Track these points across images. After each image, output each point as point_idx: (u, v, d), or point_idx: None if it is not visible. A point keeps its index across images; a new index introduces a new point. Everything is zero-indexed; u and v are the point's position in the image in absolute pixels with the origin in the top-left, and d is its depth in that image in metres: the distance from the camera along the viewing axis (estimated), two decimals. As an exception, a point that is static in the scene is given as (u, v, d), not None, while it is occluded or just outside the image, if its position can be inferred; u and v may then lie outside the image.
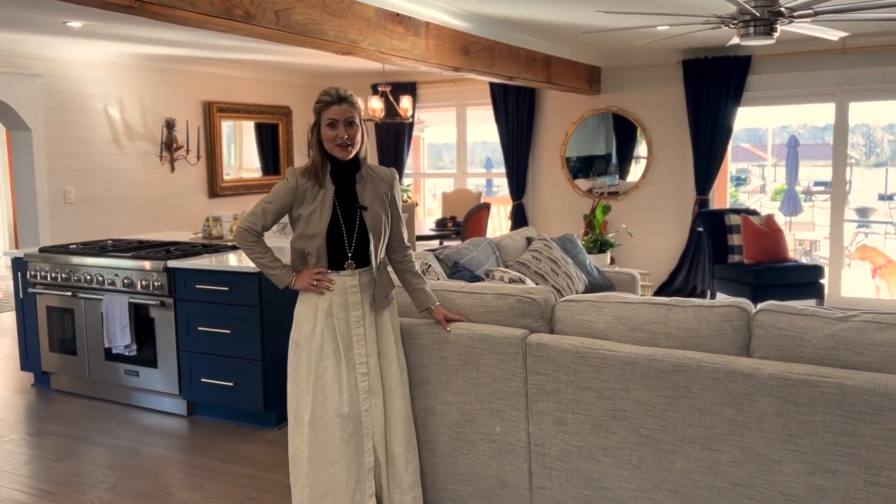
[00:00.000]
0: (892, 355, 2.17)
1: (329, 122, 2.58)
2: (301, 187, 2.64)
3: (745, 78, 6.85)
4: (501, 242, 4.88)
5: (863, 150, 17.01)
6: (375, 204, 2.69)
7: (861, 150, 16.72)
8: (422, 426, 2.92)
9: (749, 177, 16.24)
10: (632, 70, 7.48)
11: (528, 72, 6.21)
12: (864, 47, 6.41)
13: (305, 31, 3.76)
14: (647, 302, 2.61)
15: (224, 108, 7.79)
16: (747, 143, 16.36)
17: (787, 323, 2.34)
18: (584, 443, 2.59)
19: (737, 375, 2.30)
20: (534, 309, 2.76)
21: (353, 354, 2.69)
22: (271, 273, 2.71)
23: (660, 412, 2.43)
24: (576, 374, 2.58)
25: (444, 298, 2.93)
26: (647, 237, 7.51)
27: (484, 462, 2.82)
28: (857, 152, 16.57)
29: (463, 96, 8.59)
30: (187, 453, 3.82)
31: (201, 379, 4.13)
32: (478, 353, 2.76)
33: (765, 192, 15.30)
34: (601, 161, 7.84)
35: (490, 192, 12.83)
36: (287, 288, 2.72)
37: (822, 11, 3.67)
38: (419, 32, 4.74)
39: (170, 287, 4.16)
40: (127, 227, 6.75)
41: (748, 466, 2.31)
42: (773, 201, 14.11)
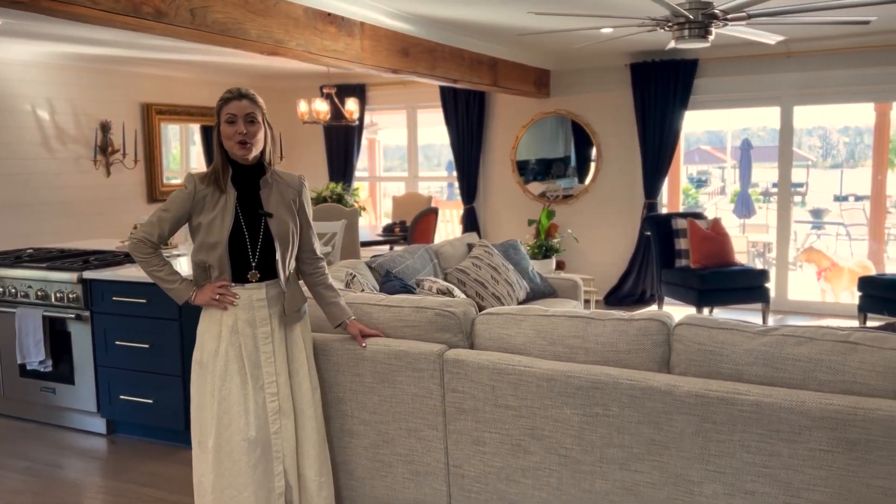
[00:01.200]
0: (810, 370, 2.08)
1: (228, 119, 2.44)
2: (200, 193, 2.48)
3: (691, 81, 6.83)
4: (441, 249, 4.76)
5: (820, 152, 17.30)
6: (282, 211, 2.54)
7: (818, 153, 16.99)
8: (338, 448, 2.78)
9: (709, 179, 16.41)
10: (580, 73, 7.42)
11: (473, 74, 6.09)
12: (807, 51, 6.43)
13: (225, 31, 3.58)
14: (567, 315, 2.50)
15: (164, 111, 7.54)
16: (708, 146, 16.53)
17: (706, 337, 2.25)
18: (503, 463, 2.47)
19: (654, 393, 2.19)
20: (452, 323, 2.64)
21: (260, 374, 2.53)
22: (169, 287, 2.54)
23: (578, 431, 2.32)
24: (493, 392, 2.46)
25: (362, 312, 2.79)
26: (597, 241, 7.46)
27: (402, 484, 2.68)
28: (815, 154, 16.85)
29: (414, 98, 8.45)
30: (104, 476, 3.62)
31: (120, 396, 3.93)
32: (394, 370, 2.63)
33: (724, 194, 15.46)
34: (560, 164, 7.76)
35: (452, 195, 12.71)
36: (187, 304, 2.55)
37: (754, 14, 3.62)
38: (353, 33, 4.59)
39: (86, 299, 3.94)
40: (59, 234, 6.47)
41: (667, 488, 2.21)
42: (732, 203, 14.25)
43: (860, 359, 2.03)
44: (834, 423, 1.96)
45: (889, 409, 1.91)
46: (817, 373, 2.07)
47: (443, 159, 13.09)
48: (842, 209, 12.80)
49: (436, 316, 2.66)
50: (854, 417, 1.93)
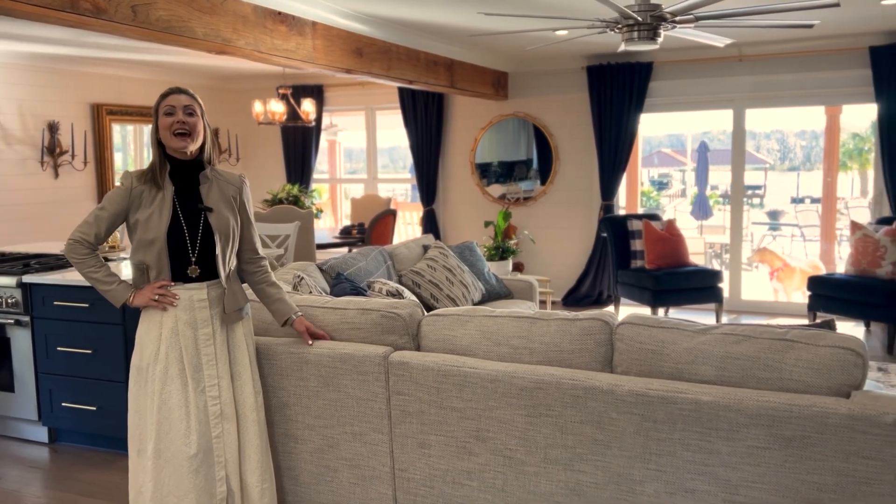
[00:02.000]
0: (748, 368, 2.10)
1: (166, 111, 2.42)
2: (137, 190, 2.43)
3: (647, 84, 6.91)
4: (395, 251, 4.72)
5: (777, 155, 17.67)
6: (222, 206, 2.50)
7: (776, 156, 17.36)
8: (282, 453, 2.72)
9: (670, 181, 16.66)
10: (538, 76, 7.45)
11: (429, 76, 6.07)
12: (759, 55, 6.54)
13: (169, 29, 3.50)
14: (512, 316, 2.48)
15: (115, 111, 7.37)
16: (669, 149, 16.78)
17: (647, 336, 2.25)
18: (449, 466, 2.45)
19: (596, 392, 2.19)
20: (398, 325, 2.60)
21: (202, 376, 2.47)
22: (106, 289, 2.47)
23: (522, 432, 2.31)
24: (438, 394, 2.43)
25: (307, 315, 2.74)
26: (555, 243, 7.49)
27: (348, 490, 2.64)
28: (773, 157, 17.22)
29: (372, 100, 8.40)
30: (45, 486, 3.50)
31: (62, 403, 3.81)
32: (339, 373, 2.59)
33: (685, 196, 15.70)
34: (521, 166, 7.78)
35: (415, 197, 12.67)
36: (126, 307, 2.48)
37: (702, 17, 3.66)
38: (305, 32, 4.54)
39: (26, 304, 3.82)
40: (5, 237, 6.28)
41: (610, 487, 2.21)
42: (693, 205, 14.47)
43: (796, 356, 2.05)
44: (770, 421, 1.97)
45: (823, 406, 1.93)
46: (755, 370, 2.09)
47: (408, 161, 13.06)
48: (796, 211, 13.07)
49: (381, 318, 2.62)
50: (790, 415, 1.95)
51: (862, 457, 1.88)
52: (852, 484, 1.90)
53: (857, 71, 6.24)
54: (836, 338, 2.05)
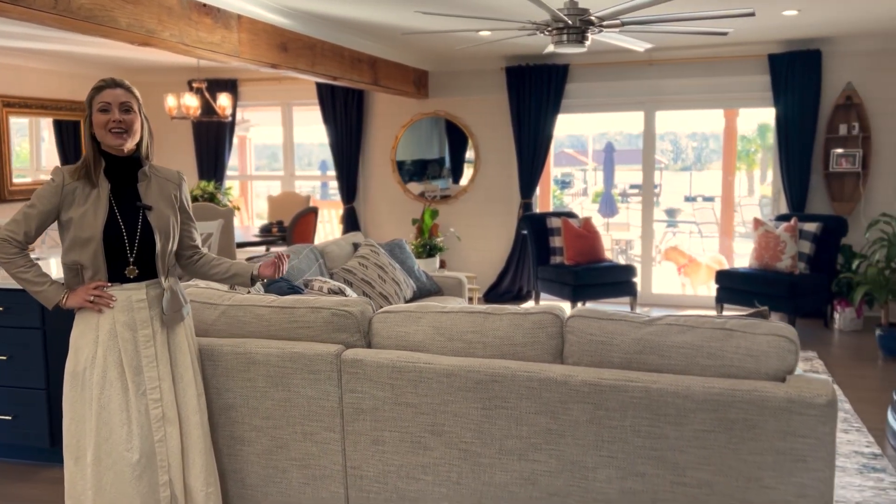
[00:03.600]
0: (692, 356, 2.22)
1: (101, 107, 2.32)
2: (69, 187, 2.33)
3: (563, 86, 7.11)
4: (326, 249, 4.68)
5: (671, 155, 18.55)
6: (161, 204, 2.44)
7: (669, 156, 18.22)
8: (227, 456, 2.67)
9: (572, 180, 17.19)
10: (458, 75, 7.53)
11: (353, 72, 6.04)
12: (667, 60, 6.86)
13: (91, 18, 3.34)
14: (464, 311, 2.53)
15: (14, 103, 6.93)
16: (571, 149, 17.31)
17: (597, 328, 2.35)
18: (403, 461, 2.47)
19: (550, 383, 2.27)
20: (350, 322, 2.60)
21: (142, 379, 2.39)
22: (37, 290, 2.35)
23: (478, 424, 2.36)
24: (393, 390, 2.44)
25: (253, 314, 2.69)
26: (477, 240, 7.60)
27: (298, 490, 2.61)
28: (666, 157, 18.05)
29: (289, 95, 8.26)
30: (-45, 502, 3.28)
31: (-27, 414, 3.57)
32: (289, 372, 2.56)
33: (586, 195, 16.21)
34: (434, 165, 7.84)
35: (326, 195, 12.54)
36: (58, 308, 2.36)
37: (628, 22, 3.81)
38: (230, 25, 4.43)
39: (-70, 309, 3.55)
40: None
41: (564, 475, 2.29)
42: (594, 203, 14.98)
43: (736, 344, 2.19)
44: (716, 405, 2.11)
45: (763, 390, 2.07)
46: (699, 358, 2.22)
47: (314, 158, 12.91)
48: (694, 208, 13.75)
49: (332, 316, 2.61)
50: (733, 399, 2.09)
51: (798, 436, 2.04)
52: (789, 461, 2.05)
53: (757, 77, 6.66)
54: (771, 326, 2.20)
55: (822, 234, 5.93)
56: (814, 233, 5.94)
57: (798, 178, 6.52)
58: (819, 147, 6.54)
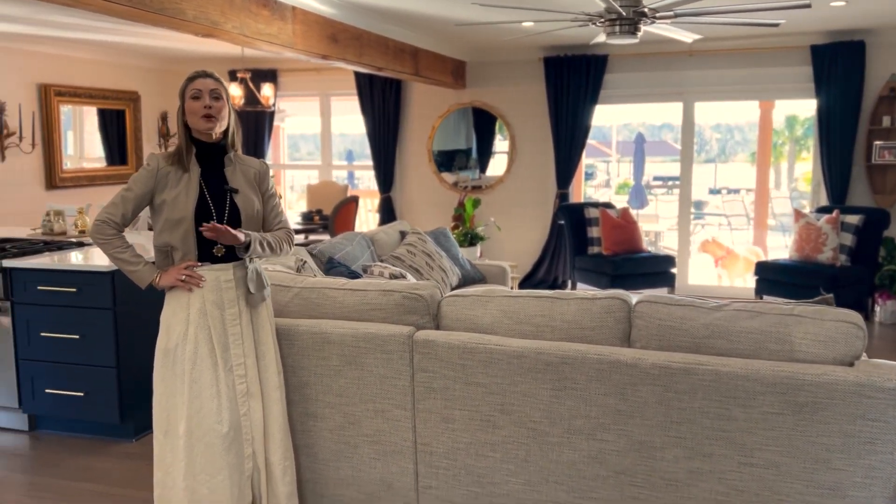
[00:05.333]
0: (761, 342, 2.29)
1: (193, 94, 2.44)
2: (163, 171, 2.46)
3: (602, 76, 7.15)
4: (376, 236, 4.78)
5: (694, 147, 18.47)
6: (246, 188, 2.55)
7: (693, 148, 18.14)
8: (301, 431, 2.78)
9: (595, 172, 17.18)
10: (496, 66, 7.59)
11: (396, 63, 6.12)
12: (708, 50, 6.87)
13: (162, 10, 3.46)
14: (532, 295, 2.61)
15: (63, 92, 7.11)
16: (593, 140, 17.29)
17: (665, 313, 2.42)
18: (472, 439, 2.56)
19: (620, 366, 2.34)
20: (420, 305, 2.69)
21: (229, 355, 2.51)
22: (132, 270, 2.46)
23: (546, 404, 2.45)
24: (463, 370, 2.54)
25: (326, 297, 2.80)
26: (511, 230, 7.67)
27: (368, 465, 2.72)
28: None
29: (327, 86, 8.36)
30: (31, 473, 3.43)
31: (45, 390, 3.73)
32: (362, 352, 2.66)
33: (609, 187, 16.19)
34: (462, 155, 7.92)
35: (353, 184, 12.66)
36: (151, 287, 2.48)
37: (681, 14, 3.86)
38: (285, 17, 4.53)
39: (6, 289, 3.71)
40: (-52, 221, 5.99)
41: (631, 454, 2.37)
42: (618, 195, 14.97)
43: (804, 330, 2.26)
44: (784, 389, 2.17)
45: (832, 375, 2.14)
46: (767, 343, 2.28)
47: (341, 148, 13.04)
48: (723, 201, 13.69)
49: (403, 299, 2.70)
50: (802, 382, 2.15)
51: (867, 419, 2.10)
52: (858, 444, 2.12)
53: (798, 68, 6.65)
54: (839, 313, 2.26)
55: (863, 227, 5.93)
56: (855, 225, 5.94)
57: (839, 170, 6.51)
58: (861, 139, 6.52)
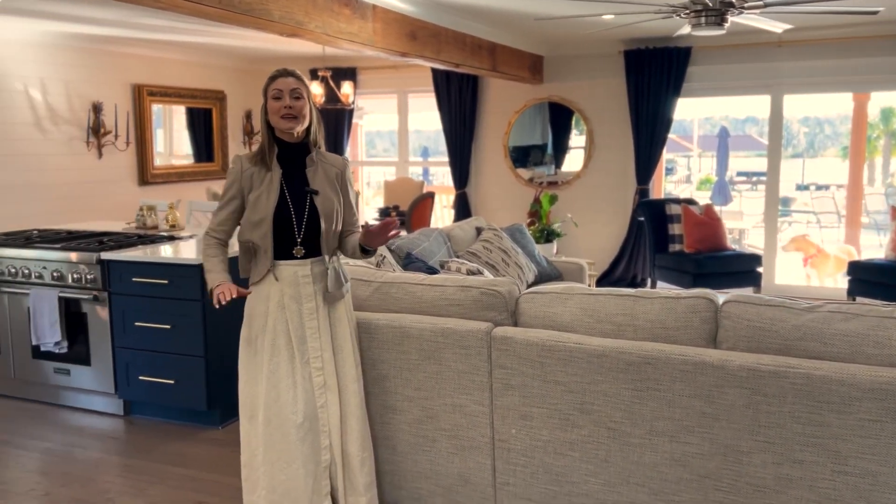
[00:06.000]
0: (857, 345, 2.19)
1: (274, 94, 2.49)
2: (248, 171, 2.54)
3: (685, 69, 6.95)
4: (452, 232, 4.80)
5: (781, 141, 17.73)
6: (327, 189, 2.59)
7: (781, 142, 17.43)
8: (380, 423, 2.82)
9: (675, 167, 16.74)
10: (574, 60, 7.49)
11: (473, 59, 6.12)
12: (798, 41, 6.58)
13: (250, 11, 3.57)
14: (613, 293, 2.57)
15: (155, 92, 7.43)
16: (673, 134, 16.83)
17: (755, 314, 2.34)
18: (550, 437, 2.54)
19: (706, 367, 2.28)
20: (498, 301, 2.69)
21: (306, 348, 2.57)
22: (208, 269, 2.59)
23: (628, 405, 2.40)
24: (542, 368, 2.52)
25: (406, 291, 2.83)
26: (589, 226, 7.57)
27: (446, 459, 2.74)
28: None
29: (405, 83, 8.44)
30: (126, 456, 3.61)
31: (139, 377, 3.91)
32: (440, 347, 2.68)
33: (690, 182, 15.75)
34: (537, 151, 7.86)
35: (427, 180, 12.76)
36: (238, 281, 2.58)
37: (771, 3, 3.71)
38: (366, 15, 4.59)
39: (104, 280, 3.91)
40: (51, 216, 6.36)
41: (717, 458, 2.31)
42: (699, 191, 14.53)
43: (906, 333, 2.14)
44: (883, 395, 2.07)
45: (937, 380, 2.02)
46: (864, 347, 2.17)
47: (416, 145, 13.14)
48: (812, 197, 13.11)
49: (481, 295, 2.71)
50: (903, 388, 2.04)
51: (976, 428, 1.97)
52: (965, 454, 2.00)
53: (894, 58, 6.29)
54: (945, 316, 2.13)
55: (969, 225, 5.57)
56: (960, 223, 5.58)
57: (942, 166, 6.13)
58: (967, 132, 6.13)
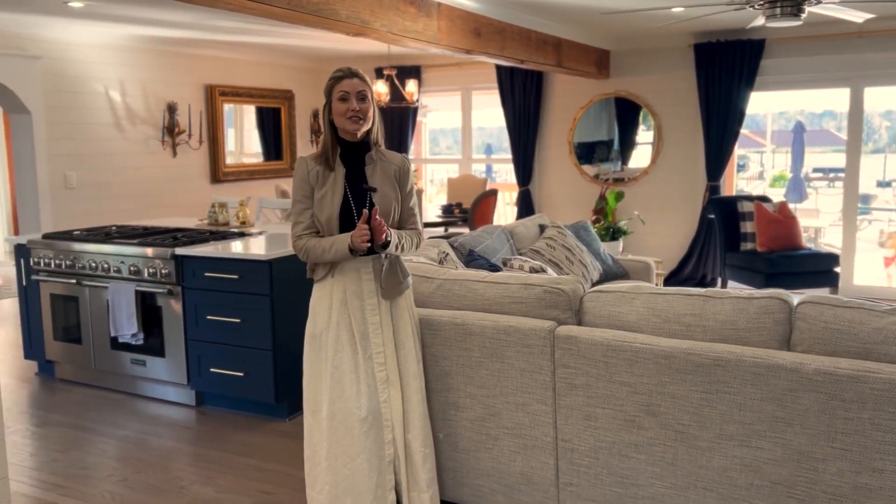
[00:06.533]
0: (945, 350, 2.07)
1: (340, 96, 2.52)
2: (313, 171, 2.58)
3: (758, 62, 6.73)
4: (515, 230, 4.78)
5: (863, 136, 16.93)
6: (385, 186, 2.61)
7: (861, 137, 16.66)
8: (442, 420, 2.83)
9: (748, 163, 16.21)
10: (641, 54, 7.35)
11: (538, 55, 6.08)
12: (880, 31, 6.28)
13: (318, 11, 3.63)
14: (681, 293, 2.51)
15: (226, 92, 7.65)
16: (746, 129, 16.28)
17: (832, 316, 2.24)
18: (615, 439, 2.50)
19: (779, 370, 2.20)
20: (562, 300, 2.66)
21: (368, 344, 2.60)
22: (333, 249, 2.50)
23: (696, 408, 2.34)
24: (607, 368, 2.48)
25: (468, 289, 2.83)
26: (656, 224, 7.42)
27: (508, 457, 2.73)
28: (856, 139, 16.52)
29: (469, 80, 8.45)
30: (197, 445, 3.73)
31: (210, 369, 4.04)
32: (503, 345, 2.67)
33: (763, 179, 15.24)
34: (603, 147, 7.73)
35: (490, 177, 12.72)
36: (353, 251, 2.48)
37: (852, -8, 3.55)
38: (431, 13, 4.61)
39: (177, 275, 4.05)
40: (128, 212, 6.63)
41: (790, 465, 2.23)
42: (772, 188, 14.04)
43: None
44: (973, 402, 1.95)
45: None
46: (952, 352, 2.06)
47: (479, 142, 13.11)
48: (895, 194, 12.54)
49: (544, 293, 2.68)
50: None
51: None
52: None
53: None
54: None
55: None
56: None
57: None
58: None
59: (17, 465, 3.47)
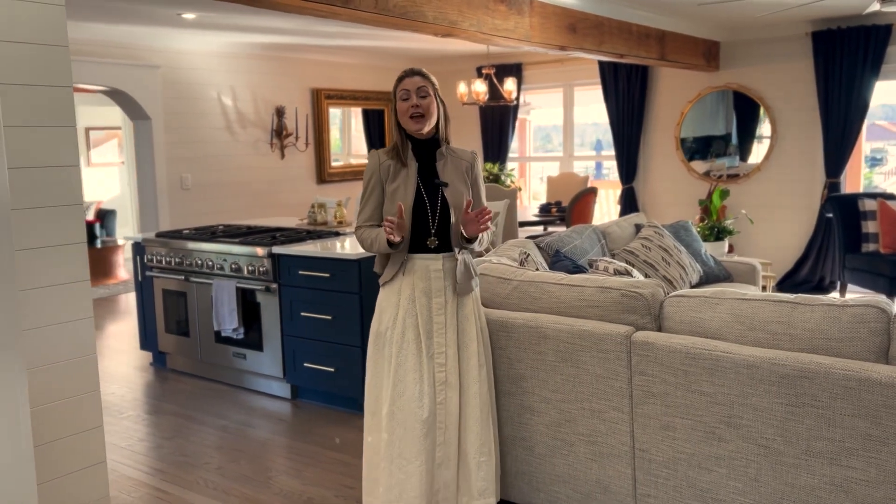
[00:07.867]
0: None
1: (402, 95, 2.55)
2: (385, 164, 2.61)
3: (884, 49, 6.22)
4: (608, 230, 4.65)
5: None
6: (456, 181, 2.61)
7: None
8: (517, 423, 2.80)
9: (885, 157, 15.02)
10: (754, 44, 6.96)
11: (639, 49, 5.89)
12: None
13: (404, 14, 3.67)
14: (768, 299, 2.36)
15: (331, 95, 7.89)
16: (884, 121, 15.06)
17: (936, 327, 2.05)
18: (695, 450, 2.39)
19: (873, 385, 2.03)
20: (640, 304, 2.57)
21: (432, 343, 2.57)
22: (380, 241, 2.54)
23: (781, 421, 2.20)
24: (686, 377, 2.37)
25: (543, 291, 2.79)
26: (769, 223, 7.02)
27: (584, 464, 2.66)
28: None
29: (570, 76, 8.31)
30: (290, 437, 3.87)
31: (304, 364, 4.19)
32: (578, 349, 2.61)
33: (903, 172, 14.05)
34: (719, 142, 7.38)
35: (599, 175, 12.44)
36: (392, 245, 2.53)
37: (982, -32, 3.22)
38: (522, 11, 4.56)
39: (275, 272, 4.22)
40: (239, 212, 6.98)
41: (885, 487, 2.05)
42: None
43: None
44: None
45: None
46: None
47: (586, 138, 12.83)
48: None
49: (622, 297, 2.60)
50: None
51: None
52: None
53: None
54: None
55: None
56: None
57: None
58: None
59: (127, 449, 3.73)
